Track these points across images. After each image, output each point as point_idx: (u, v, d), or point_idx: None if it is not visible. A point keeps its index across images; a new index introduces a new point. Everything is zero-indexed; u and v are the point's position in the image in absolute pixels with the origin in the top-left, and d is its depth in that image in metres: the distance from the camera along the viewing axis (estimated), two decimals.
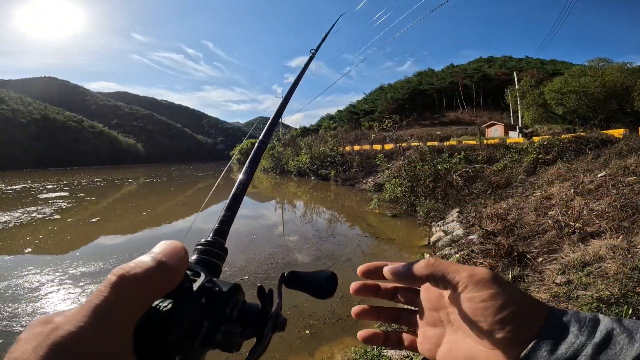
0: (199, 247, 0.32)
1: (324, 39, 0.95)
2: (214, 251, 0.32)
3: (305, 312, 4.00)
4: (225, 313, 0.27)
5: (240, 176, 0.42)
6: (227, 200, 0.38)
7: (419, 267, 0.38)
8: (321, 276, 0.37)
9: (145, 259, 0.25)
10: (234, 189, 0.40)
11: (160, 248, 0.27)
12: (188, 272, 0.28)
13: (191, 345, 0.25)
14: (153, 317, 0.24)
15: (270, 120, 0.56)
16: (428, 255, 5.93)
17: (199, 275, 0.28)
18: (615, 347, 0.27)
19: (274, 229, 9.03)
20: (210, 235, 0.33)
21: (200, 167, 62.19)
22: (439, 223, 7.82)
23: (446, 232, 6.80)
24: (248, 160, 0.44)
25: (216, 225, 0.34)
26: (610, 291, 2.94)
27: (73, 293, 4.63)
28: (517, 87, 29.88)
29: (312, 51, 0.84)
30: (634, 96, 19.68)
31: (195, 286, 0.27)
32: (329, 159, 22.20)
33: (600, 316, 0.31)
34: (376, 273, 0.43)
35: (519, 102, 28.51)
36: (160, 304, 0.25)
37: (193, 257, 0.31)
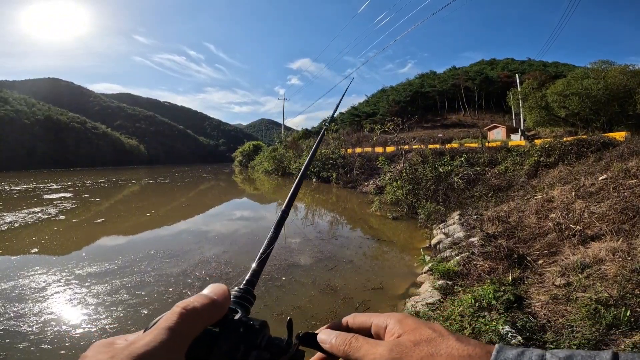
0: (235, 292, 0.41)
1: (336, 109, 0.97)
2: (246, 297, 0.41)
3: (307, 313, 4.05)
4: (257, 342, 0.35)
5: (268, 237, 0.49)
6: (257, 256, 0.46)
7: (336, 345, 0.39)
8: None
9: (201, 296, 0.35)
10: (263, 247, 0.47)
11: (211, 289, 0.37)
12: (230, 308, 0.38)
13: None
14: (205, 338, 0.33)
15: (291, 191, 0.58)
16: (428, 257, 5.97)
17: (237, 312, 0.37)
18: None
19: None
20: (243, 284, 0.42)
21: (202, 169, 62.39)
22: (440, 225, 7.87)
23: (447, 235, 6.84)
24: (273, 227, 0.50)
25: (247, 277, 0.43)
26: (609, 293, 2.98)
27: (79, 293, 4.66)
28: (519, 89, 29.85)
29: (326, 124, 0.99)
30: (637, 99, 19.58)
31: (236, 317, 0.36)
32: (330, 161, 22.27)
33: (547, 355, 0.30)
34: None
35: (521, 105, 28.45)
36: (211, 329, 0.34)
37: (232, 298, 0.40)
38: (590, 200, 5.69)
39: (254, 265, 0.45)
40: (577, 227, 4.81)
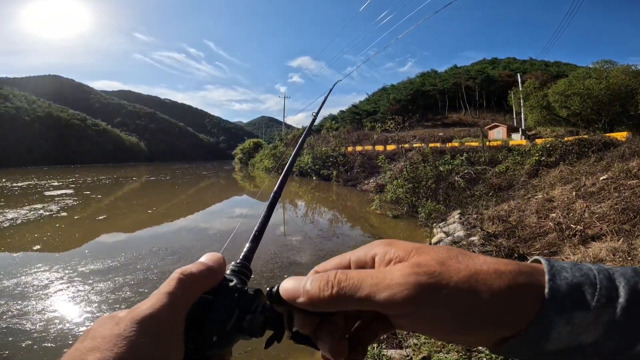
0: (232, 266, 0.42)
1: (323, 103, 1.07)
2: (242, 270, 0.42)
3: None
4: (251, 307, 0.36)
5: (262, 216, 0.50)
6: (252, 234, 0.47)
7: (314, 291, 0.30)
8: None
9: (198, 263, 0.36)
10: (257, 225, 0.49)
11: (208, 257, 0.38)
12: (226, 276, 0.39)
13: (225, 327, 0.34)
14: (201, 304, 0.34)
15: (281, 176, 0.62)
16: None
17: (232, 281, 0.39)
18: None
19: (277, 228, 9.12)
20: (239, 259, 0.43)
21: (203, 166, 62.42)
22: (441, 224, 7.89)
23: (447, 234, 6.87)
24: (265, 208, 0.52)
25: (243, 253, 0.44)
26: None
27: (82, 290, 4.66)
28: (520, 88, 29.80)
29: (314, 114, 0.97)
30: (639, 99, 19.55)
31: (231, 285, 0.38)
32: (331, 159, 22.28)
33: (608, 267, 0.26)
34: None
35: (522, 104, 28.43)
36: (206, 296, 0.35)
37: (228, 271, 0.41)
38: (591, 200, 5.71)
39: (248, 242, 0.46)
40: (578, 227, 4.83)
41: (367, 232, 8.60)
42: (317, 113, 0.97)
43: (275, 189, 0.58)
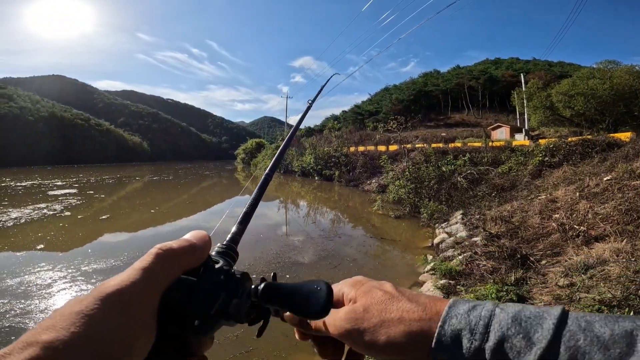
0: (218, 248, 0.40)
1: (319, 92, 1.06)
2: (228, 252, 0.40)
3: None
4: (238, 291, 0.34)
5: (252, 197, 0.51)
6: (240, 216, 0.46)
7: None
8: (308, 288, 0.34)
9: (180, 240, 0.34)
10: (246, 207, 0.48)
11: (192, 234, 0.36)
12: (211, 256, 0.37)
13: (208, 312, 0.31)
14: (183, 283, 0.31)
15: (275, 156, 0.63)
16: (430, 256, 5.98)
17: (218, 262, 0.36)
18: (511, 352, 0.27)
19: (279, 228, 9.12)
20: (226, 240, 0.42)
21: (205, 166, 62.57)
22: (443, 225, 7.86)
23: (450, 234, 6.85)
24: (256, 189, 0.52)
25: (230, 235, 0.43)
26: (612, 294, 2.98)
27: (85, 290, 4.68)
28: (524, 89, 29.64)
29: (309, 102, 0.94)
30: None
31: (217, 266, 0.35)
32: (333, 159, 22.27)
33: (497, 310, 0.30)
34: None
35: (525, 104, 28.27)
36: (188, 277, 0.32)
37: (213, 252, 0.39)
38: (594, 201, 5.67)
39: (236, 224, 0.44)
40: (581, 227, 4.81)
41: (369, 232, 8.59)
42: (313, 101, 0.94)
43: (267, 170, 0.57)
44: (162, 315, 0.29)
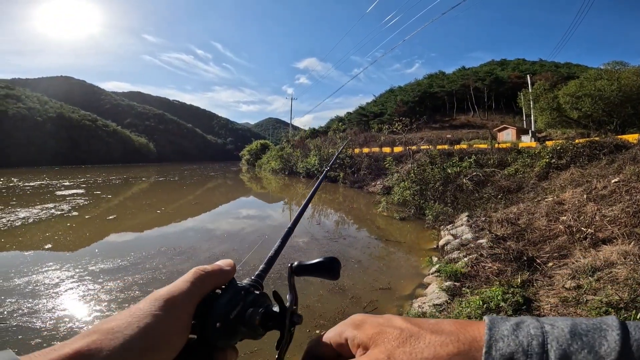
0: (247, 280, 0.47)
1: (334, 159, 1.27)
2: (253, 283, 0.46)
3: (316, 312, 4.09)
4: (255, 304, 0.42)
5: (276, 244, 0.56)
6: (267, 257, 0.52)
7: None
8: (325, 261, 0.45)
9: (213, 264, 0.43)
10: (271, 252, 0.53)
11: (221, 261, 0.45)
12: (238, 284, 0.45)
13: (227, 317, 0.39)
14: (210, 297, 0.40)
15: (297, 213, 0.70)
16: (435, 258, 5.96)
17: (242, 284, 0.45)
18: None
19: (284, 229, 9.14)
20: (254, 276, 0.48)
21: (210, 167, 62.91)
22: (448, 227, 7.83)
23: (455, 236, 6.81)
24: (279, 240, 0.57)
25: (257, 272, 0.49)
26: (619, 296, 2.96)
27: (92, 290, 4.71)
28: (530, 90, 29.40)
29: (327, 165, 1.12)
30: None
31: (239, 285, 0.44)
32: (337, 160, 22.28)
33: (546, 327, 0.27)
34: None
35: (532, 106, 28.04)
36: (216, 292, 0.42)
37: (243, 283, 0.46)
38: (602, 203, 5.62)
39: (263, 263, 0.51)
40: (588, 230, 4.76)
41: (373, 234, 8.58)
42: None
43: (290, 225, 0.64)
44: (194, 319, 0.38)
